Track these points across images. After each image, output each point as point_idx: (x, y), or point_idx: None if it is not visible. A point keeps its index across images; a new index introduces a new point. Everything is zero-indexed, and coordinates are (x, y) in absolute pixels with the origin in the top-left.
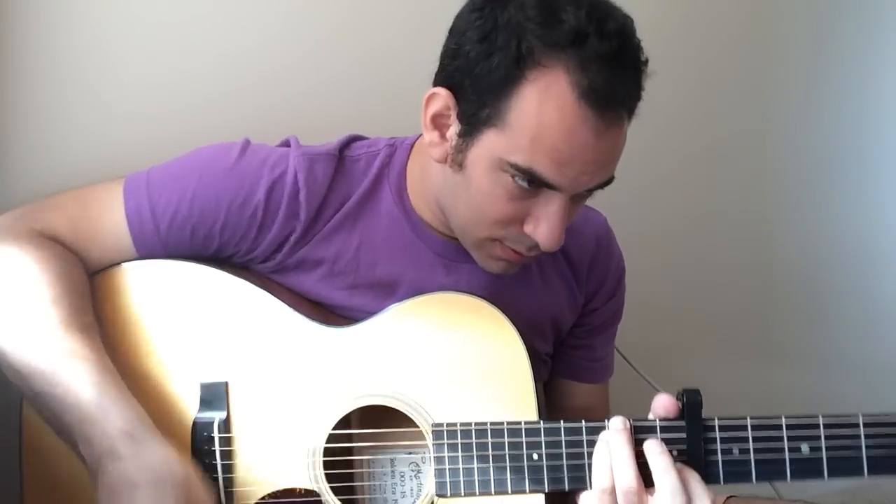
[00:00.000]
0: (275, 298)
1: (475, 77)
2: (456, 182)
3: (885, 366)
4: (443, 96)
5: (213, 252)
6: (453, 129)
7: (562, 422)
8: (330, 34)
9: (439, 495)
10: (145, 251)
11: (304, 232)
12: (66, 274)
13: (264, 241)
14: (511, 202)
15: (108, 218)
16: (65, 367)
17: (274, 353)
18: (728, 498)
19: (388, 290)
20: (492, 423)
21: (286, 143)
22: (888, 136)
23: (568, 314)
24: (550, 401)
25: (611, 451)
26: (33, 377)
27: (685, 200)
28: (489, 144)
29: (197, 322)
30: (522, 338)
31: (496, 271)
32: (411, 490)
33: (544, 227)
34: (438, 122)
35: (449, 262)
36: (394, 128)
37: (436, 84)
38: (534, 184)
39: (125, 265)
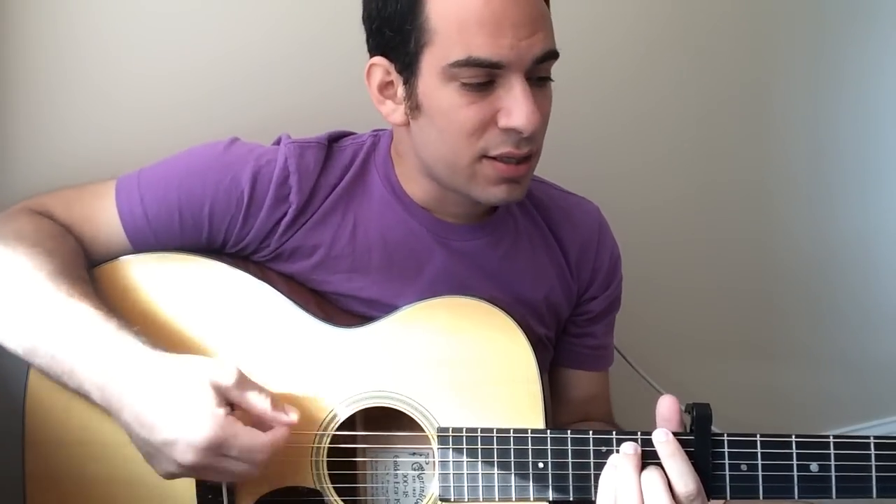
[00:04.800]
0: (283, 296)
1: (389, 19)
2: (422, 127)
3: (885, 366)
4: (378, 63)
5: (204, 241)
6: (399, 87)
7: (569, 432)
8: (330, 34)
9: (443, 500)
10: (136, 238)
11: (296, 216)
12: (59, 236)
13: (254, 227)
14: (473, 105)
15: (100, 204)
16: (67, 309)
17: (281, 352)
18: None
19: (386, 271)
20: (498, 430)
21: (279, 141)
22: (889, 137)
23: (563, 300)
24: (554, 393)
25: (617, 477)
26: (36, 327)
27: (686, 201)
28: (429, 66)
29: (204, 318)
30: (523, 328)
31: (501, 197)
32: (414, 490)
33: (515, 110)
34: (386, 92)
35: (442, 240)
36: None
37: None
38: (482, 86)
39: (125, 259)
